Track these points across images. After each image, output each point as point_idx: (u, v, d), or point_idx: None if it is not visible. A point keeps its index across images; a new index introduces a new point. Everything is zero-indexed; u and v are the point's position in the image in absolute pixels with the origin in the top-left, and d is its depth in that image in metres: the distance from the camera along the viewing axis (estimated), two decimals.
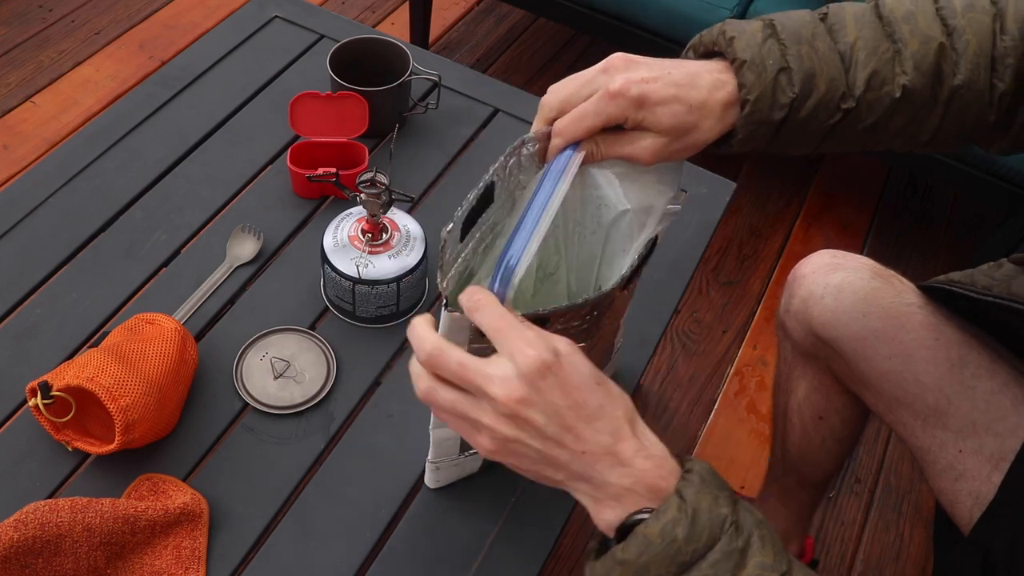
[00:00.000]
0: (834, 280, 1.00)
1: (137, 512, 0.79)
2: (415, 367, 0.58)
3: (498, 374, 0.55)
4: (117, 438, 0.80)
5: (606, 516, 0.56)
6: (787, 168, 2.12)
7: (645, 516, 0.54)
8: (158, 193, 1.10)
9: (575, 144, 0.66)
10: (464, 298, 0.59)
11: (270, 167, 1.15)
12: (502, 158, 0.63)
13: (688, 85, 0.64)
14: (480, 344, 0.64)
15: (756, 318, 1.83)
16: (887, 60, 0.64)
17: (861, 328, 0.96)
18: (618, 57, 0.65)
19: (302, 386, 0.93)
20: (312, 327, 0.99)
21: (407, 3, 2.20)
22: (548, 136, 0.66)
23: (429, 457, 0.82)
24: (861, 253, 1.80)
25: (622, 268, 0.72)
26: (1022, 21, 0.64)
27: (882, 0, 0.66)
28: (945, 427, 0.90)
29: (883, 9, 0.66)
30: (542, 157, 0.67)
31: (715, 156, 0.71)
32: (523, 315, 0.61)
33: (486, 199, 0.65)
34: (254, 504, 0.85)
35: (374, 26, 2.31)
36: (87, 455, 0.86)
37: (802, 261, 1.07)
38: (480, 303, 0.58)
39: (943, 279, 0.94)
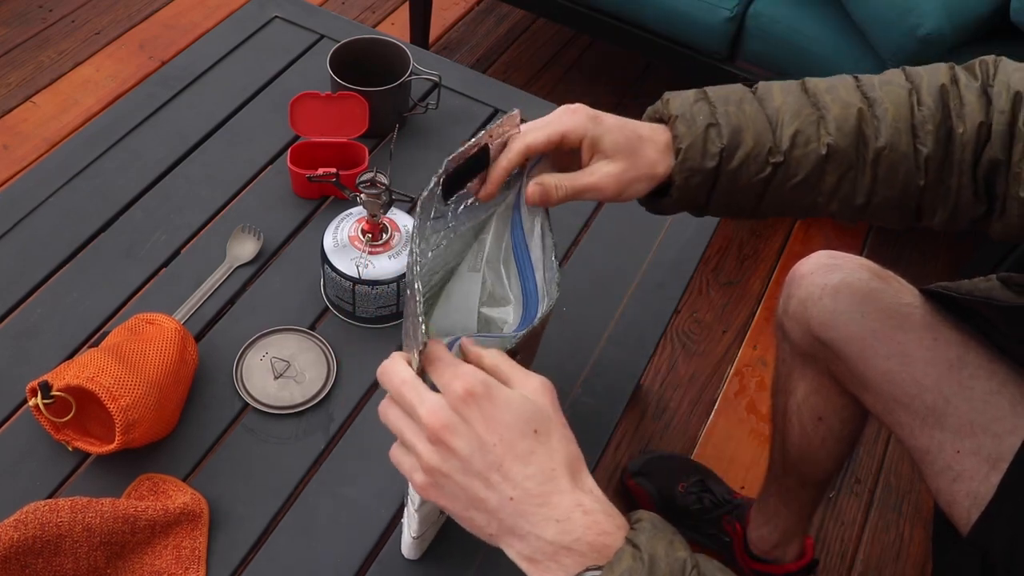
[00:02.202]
0: (832, 281, 1.00)
1: (137, 512, 0.79)
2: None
3: (429, 398, 0.55)
4: (117, 438, 0.80)
5: None
6: None
7: (595, 574, 0.51)
8: (158, 193, 1.10)
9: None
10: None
11: (270, 167, 1.15)
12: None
13: (633, 124, 0.71)
14: None
15: (756, 318, 1.83)
16: (811, 122, 0.70)
17: (859, 328, 0.97)
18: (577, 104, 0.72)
19: (302, 386, 0.93)
20: (312, 327, 0.99)
21: (407, 3, 2.20)
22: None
23: (414, 533, 0.78)
24: (861, 253, 1.80)
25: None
26: (935, 93, 0.69)
27: (807, 79, 0.73)
28: (943, 427, 0.90)
29: (808, 84, 0.72)
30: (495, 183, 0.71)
31: None
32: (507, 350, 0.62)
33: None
34: (254, 504, 0.85)
35: (374, 26, 2.31)
36: (87, 455, 0.86)
37: (800, 262, 1.07)
38: (431, 353, 0.57)
39: (932, 287, 0.95)
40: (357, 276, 0.93)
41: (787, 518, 1.29)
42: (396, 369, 0.57)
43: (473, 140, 0.66)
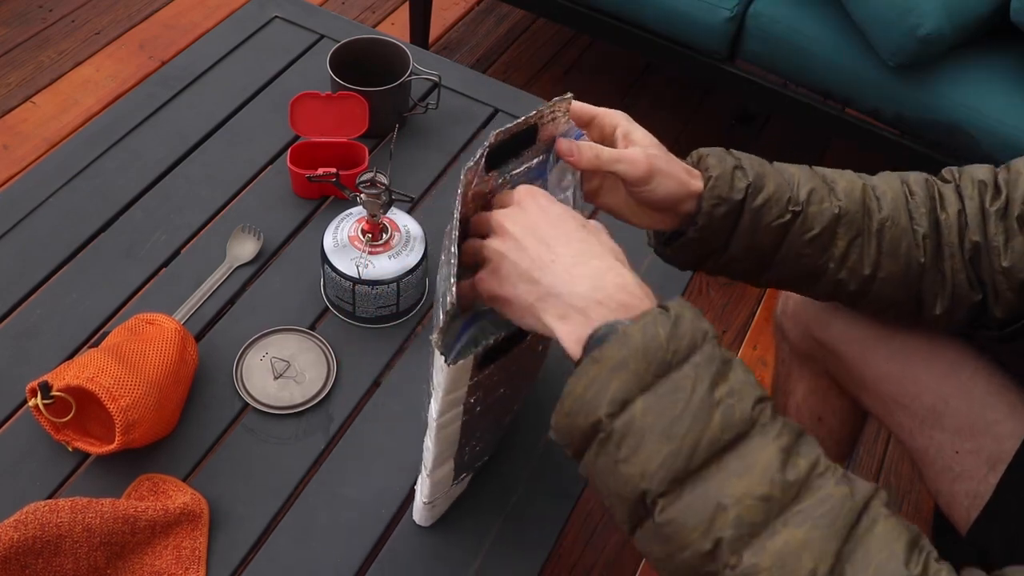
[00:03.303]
0: None
1: (137, 512, 0.79)
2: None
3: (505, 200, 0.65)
4: (117, 438, 0.80)
5: (574, 330, 0.57)
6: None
7: (623, 324, 0.54)
8: (158, 193, 1.10)
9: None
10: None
11: (270, 167, 1.15)
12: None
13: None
14: (475, 396, 0.69)
15: (756, 318, 1.83)
16: (822, 187, 0.78)
17: (859, 330, 0.97)
18: None
19: (302, 386, 0.93)
20: (312, 327, 0.99)
21: (407, 3, 2.20)
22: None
23: (424, 499, 0.80)
24: None
25: None
26: (922, 183, 0.80)
27: (815, 167, 0.81)
28: (942, 428, 0.90)
29: (815, 168, 0.80)
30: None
31: None
32: None
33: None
34: (254, 504, 0.85)
35: (374, 26, 2.31)
36: (87, 455, 0.86)
37: None
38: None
39: None
40: (357, 276, 0.93)
41: None
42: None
43: (523, 118, 0.68)
